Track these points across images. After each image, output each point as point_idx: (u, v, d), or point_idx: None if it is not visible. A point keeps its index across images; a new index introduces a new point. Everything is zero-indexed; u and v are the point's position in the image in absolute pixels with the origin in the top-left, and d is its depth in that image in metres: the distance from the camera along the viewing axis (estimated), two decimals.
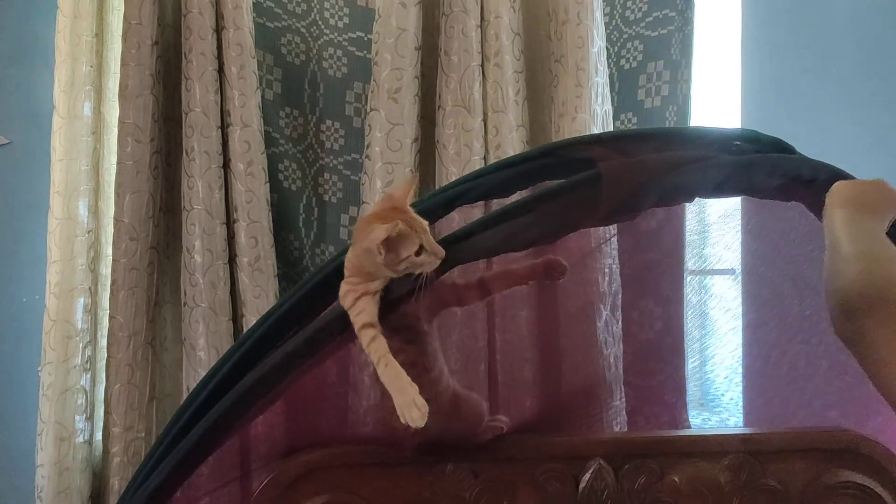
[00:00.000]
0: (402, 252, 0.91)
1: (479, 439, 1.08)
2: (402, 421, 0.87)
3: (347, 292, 0.95)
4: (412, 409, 0.87)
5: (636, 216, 1.02)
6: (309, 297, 1.05)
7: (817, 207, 1.08)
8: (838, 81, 1.74)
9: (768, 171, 1.01)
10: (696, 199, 1.12)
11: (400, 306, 0.97)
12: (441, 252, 0.94)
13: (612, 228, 1.15)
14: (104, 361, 1.58)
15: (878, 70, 1.72)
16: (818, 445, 1.12)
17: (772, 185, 1.02)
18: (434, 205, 1.06)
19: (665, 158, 0.99)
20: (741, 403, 1.28)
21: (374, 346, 0.91)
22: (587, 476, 1.09)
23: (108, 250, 1.62)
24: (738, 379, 1.29)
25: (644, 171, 0.97)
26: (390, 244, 0.91)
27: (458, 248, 0.97)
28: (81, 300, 1.59)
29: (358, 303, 0.93)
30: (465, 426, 1.06)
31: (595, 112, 1.57)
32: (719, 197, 1.10)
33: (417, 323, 1.00)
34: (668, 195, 1.00)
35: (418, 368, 0.98)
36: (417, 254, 0.91)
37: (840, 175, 1.02)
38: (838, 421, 1.16)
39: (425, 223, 0.95)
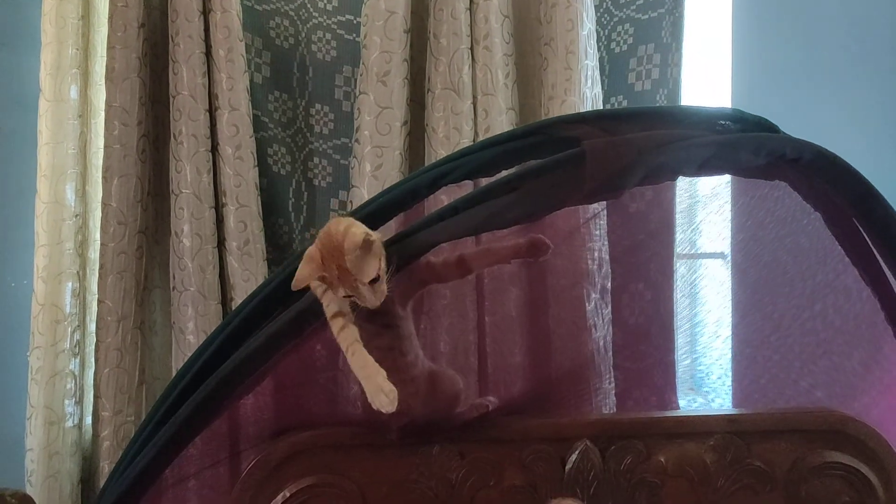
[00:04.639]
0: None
1: (465, 417, 1.08)
2: (374, 407, 0.87)
3: (317, 286, 0.95)
4: (380, 395, 0.87)
5: (620, 194, 1.02)
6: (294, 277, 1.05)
7: (801, 186, 1.09)
8: (827, 64, 1.75)
9: (753, 149, 1.01)
10: (686, 180, 1.13)
11: None
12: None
13: (600, 207, 1.15)
14: (93, 346, 1.57)
15: (867, 53, 1.73)
16: (804, 426, 1.12)
17: (756, 163, 1.02)
18: (418, 184, 1.06)
19: (650, 137, 0.99)
20: (729, 383, 1.28)
21: (344, 334, 0.91)
22: (574, 457, 1.09)
23: (96, 234, 1.61)
24: (727, 359, 1.29)
25: (628, 150, 0.97)
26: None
27: (441, 225, 0.97)
28: (69, 284, 1.58)
29: (327, 293, 0.93)
30: (444, 404, 1.06)
31: (585, 95, 1.57)
32: (704, 175, 1.10)
33: (393, 307, 1.00)
34: (652, 174, 0.99)
35: (395, 352, 0.98)
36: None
37: (824, 154, 1.02)
38: (825, 401, 1.17)
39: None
